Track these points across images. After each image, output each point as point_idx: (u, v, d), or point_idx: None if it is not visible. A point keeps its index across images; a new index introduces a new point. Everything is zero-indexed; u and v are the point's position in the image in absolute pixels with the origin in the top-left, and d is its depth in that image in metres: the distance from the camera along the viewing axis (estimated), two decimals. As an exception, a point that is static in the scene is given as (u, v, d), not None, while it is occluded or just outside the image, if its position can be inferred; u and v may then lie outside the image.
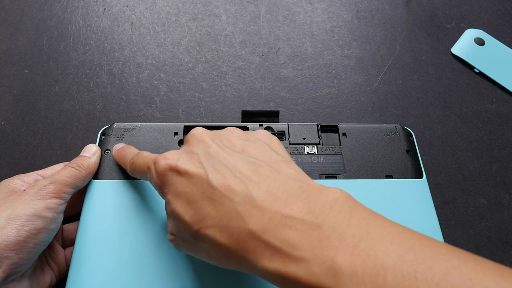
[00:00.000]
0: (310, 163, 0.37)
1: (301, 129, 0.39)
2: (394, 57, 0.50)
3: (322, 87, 0.47)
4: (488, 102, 0.47)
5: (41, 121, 0.43)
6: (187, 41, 0.49)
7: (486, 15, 0.54)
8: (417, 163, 0.38)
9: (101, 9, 0.51)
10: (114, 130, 0.37)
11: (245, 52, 0.49)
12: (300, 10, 0.53)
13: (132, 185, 0.34)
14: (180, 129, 0.38)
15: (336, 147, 0.38)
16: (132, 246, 0.30)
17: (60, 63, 0.46)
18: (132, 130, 0.37)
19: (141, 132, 0.37)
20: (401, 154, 0.38)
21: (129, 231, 0.31)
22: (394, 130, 0.39)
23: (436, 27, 0.52)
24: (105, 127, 0.38)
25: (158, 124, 0.38)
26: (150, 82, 0.46)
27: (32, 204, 0.29)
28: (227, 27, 0.51)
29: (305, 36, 0.51)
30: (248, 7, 0.52)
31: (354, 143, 0.38)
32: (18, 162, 0.40)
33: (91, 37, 0.49)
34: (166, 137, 0.37)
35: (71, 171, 0.32)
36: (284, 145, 0.37)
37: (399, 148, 0.38)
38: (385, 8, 0.53)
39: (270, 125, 0.39)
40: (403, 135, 0.39)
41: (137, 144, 0.36)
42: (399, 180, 0.36)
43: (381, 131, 0.39)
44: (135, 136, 0.37)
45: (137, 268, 0.30)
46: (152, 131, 0.37)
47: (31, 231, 0.28)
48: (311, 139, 0.38)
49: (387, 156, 0.37)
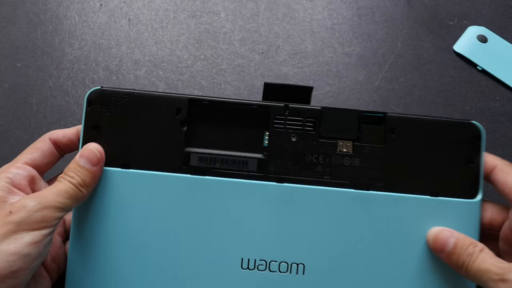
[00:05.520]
0: (341, 166, 0.30)
1: (337, 116, 0.30)
2: (395, 55, 0.49)
3: (323, 85, 0.46)
4: (492, 100, 0.46)
5: (33, 116, 0.42)
6: (185, 38, 0.48)
7: (489, 12, 0.53)
8: (476, 179, 0.30)
9: (98, 5, 0.50)
10: (104, 98, 0.29)
11: (245, 49, 0.48)
12: (300, 7, 0.52)
13: (130, 178, 0.30)
14: (184, 104, 0.30)
15: (378, 147, 0.30)
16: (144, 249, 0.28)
17: (55, 58, 0.45)
18: (124, 99, 0.30)
19: (136, 102, 0.30)
20: (461, 164, 0.30)
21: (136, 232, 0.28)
22: (463, 129, 0.30)
23: (438, 24, 0.52)
24: (92, 89, 0.30)
25: (156, 94, 0.30)
26: (148, 79, 0.45)
27: (13, 239, 0.23)
28: (226, 24, 0.50)
29: (305, 33, 0.50)
30: (248, 5, 0.52)
31: (402, 143, 0.30)
32: (7, 157, 0.39)
33: (87, 32, 0.48)
34: (166, 115, 0.30)
35: (70, 190, 0.26)
36: (311, 138, 0.30)
37: (461, 155, 0.30)
38: (386, 5, 0.53)
39: (297, 107, 0.30)
40: (471, 137, 0.30)
41: (131, 120, 0.29)
42: (447, 199, 0.29)
43: (444, 128, 0.30)
44: (129, 109, 0.29)
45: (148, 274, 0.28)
46: (149, 103, 0.30)
47: (7, 275, 0.22)
48: (348, 133, 0.30)
49: (441, 163, 0.29)
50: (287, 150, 0.30)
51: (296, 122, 0.30)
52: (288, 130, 0.30)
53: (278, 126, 0.30)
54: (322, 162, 0.30)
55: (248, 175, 0.30)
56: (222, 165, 0.30)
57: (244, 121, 0.31)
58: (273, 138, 0.30)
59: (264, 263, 0.29)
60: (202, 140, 0.30)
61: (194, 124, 0.30)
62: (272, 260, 0.29)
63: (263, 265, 0.29)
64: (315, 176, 0.30)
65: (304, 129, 0.30)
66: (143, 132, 0.29)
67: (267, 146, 0.30)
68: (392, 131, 0.30)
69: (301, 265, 0.29)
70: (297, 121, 0.30)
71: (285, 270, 0.29)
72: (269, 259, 0.29)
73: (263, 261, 0.29)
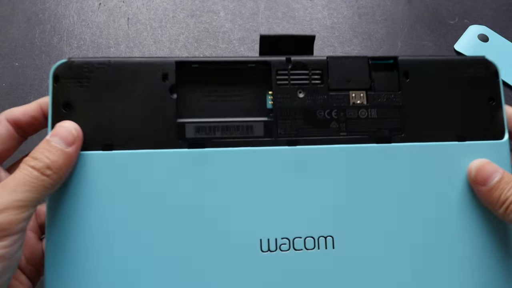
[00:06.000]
0: (356, 119, 0.27)
1: (345, 65, 0.27)
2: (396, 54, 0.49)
3: (323, 84, 0.46)
4: (493, 100, 0.46)
5: (32, 116, 0.41)
6: (184, 38, 0.48)
7: (490, 11, 0.53)
8: (500, 117, 0.28)
9: (96, 4, 0.49)
10: (73, 70, 0.25)
11: (244, 49, 0.48)
12: (299, 6, 0.52)
13: (115, 161, 0.24)
14: (170, 68, 0.25)
15: (394, 93, 0.27)
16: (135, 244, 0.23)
17: (53, 57, 0.45)
18: (99, 69, 0.25)
19: (113, 73, 0.25)
20: (482, 104, 0.28)
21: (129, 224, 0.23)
22: (476, 65, 0.28)
23: (439, 23, 0.52)
24: (59, 63, 0.25)
25: (137, 60, 0.25)
26: (146, 77, 0.44)
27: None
28: (226, 23, 0.50)
29: (305, 32, 0.50)
30: (247, 4, 0.52)
31: (419, 86, 0.27)
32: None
33: (85, 32, 0.47)
34: (151, 82, 0.25)
35: (33, 180, 0.20)
36: (321, 91, 0.27)
37: (481, 94, 0.28)
38: (387, 4, 0.53)
39: (301, 59, 0.27)
40: (488, 74, 0.28)
41: (110, 94, 0.25)
42: (475, 143, 0.27)
43: (458, 67, 0.28)
44: (106, 81, 0.25)
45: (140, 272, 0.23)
46: (129, 72, 0.25)
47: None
48: (359, 82, 0.27)
49: (462, 105, 0.28)
50: (295, 108, 0.26)
51: (302, 76, 0.27)
52: (294, 86, 0.26)
53: (282, 83, 0.26)
54: (336, 117, 0.26)
55: (255, 142, 0.26)
56: (224, 134, 0.26)
57: (243, 82, 0.27)
58: (277, 97, 0.26)
59: (287, 242, 0.25)
60: (196, 107, 0.26)
61: (185, 90, 0.26)
62: (296, 237, 0.25)
63: (286, 244, 0.25)
64: (330, 134, 0.26)
65: (311, 82, 0.27)
66: (125, 106, 0.25)
67: (272, 107, 0.26)
68: (406, 75, 0.27)
69: (329, 237, 0.25)
70: (302, 75, 0.27)
71: (311, 246, 0.25)
72: (292, 236, 0.25)
73: (285, 239, 0.25)
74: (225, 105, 0.26)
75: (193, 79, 0.26)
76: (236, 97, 0.27)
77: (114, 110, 0.25)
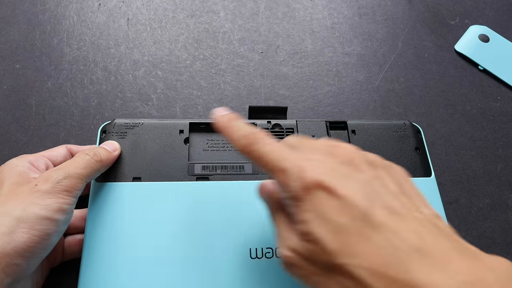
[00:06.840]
0: None
1: (310, 126, 0.38)
2: (396, 55, 0.49)
3: (323, 85, 0.46)
4: (493, 100, 0.46)
5: (32, 118, 0.41)
6: (184, 38, 0.48)
7: (491, 11, 0.53)
8: (425, 161, 0.37)
9: (96, 4, 0.49)
10: (116, 127, 0.35)
11: (244, 49, 0.48)
12: (300, 6, 0.52)
13: (141, 188, 0.32)
14: (185, 126, 0.36)
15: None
16: (146, 260, 0.30)
17: (53, 58, 0.45)
18: (134, 127, 0.35)
19: (144, 129, 0.35)
20: (410, 152, 0.37)
21: (143, 242, 0.30)
22: (403, 127, 0.38)
23: (439, 24, 0.51)
24: (106, 123, 0.36)
25: (161, 121, 0.36)
26: (146, 79, 0.45)
27: (45, 205, 0.26)
28: (226, 24, 0.50)
29: (305, 33, 0.50)
30: (247, 4, 0.51)
31: (363, 140, 0.37)
32: (7, 159, 0.38)
33: (85, 32, 0.47)
34: (171, 136, 0.35)
35: (87, 160, 0.29)
36: None
37: (408, 146, 0.37)
38: (387, 4, 0.52)
39: (278, 122, 0.38)
40: (412, 132, 0.38)
41: (141, 143, 0.35)
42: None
43: (390, 128, 0.38)
44: (138, 134, 0.35)
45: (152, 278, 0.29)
46: (156, 129, 0.35)
47: (42, 236, 0.25)
48: (320, 137, 0.37)
49: (396, 153, 0.37)
50: None
51: (279, 133, 0.37)
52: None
53: None
54: None
55: (245, 177, 0.34)
56: (223, 171, 0.35)
57: None
58: None
59: (271, 251, 0.31)
60: (202, 154, 0.36)
61: (195, 141, 0.36)
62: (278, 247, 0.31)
63: (270, 252, 0.31)
64: None
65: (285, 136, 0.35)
66: (151, 151, 0.34)
67: None
68: (354, 132, 0.38)
69: None
70: (279, 132, 0.37)
71: None
72: (275, 246, 0.31)
73: (269, 249, 0.31)
74: (224, 152, 0.36)
75: (201, 134, 0.37)
76: (232, 146, 0.36)
77: (143, 154, 0.34)
